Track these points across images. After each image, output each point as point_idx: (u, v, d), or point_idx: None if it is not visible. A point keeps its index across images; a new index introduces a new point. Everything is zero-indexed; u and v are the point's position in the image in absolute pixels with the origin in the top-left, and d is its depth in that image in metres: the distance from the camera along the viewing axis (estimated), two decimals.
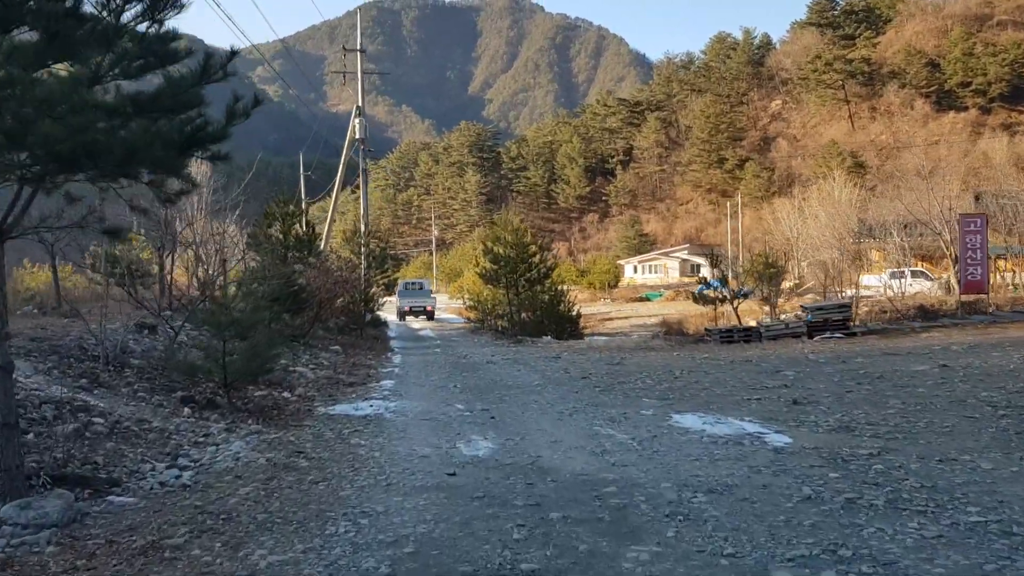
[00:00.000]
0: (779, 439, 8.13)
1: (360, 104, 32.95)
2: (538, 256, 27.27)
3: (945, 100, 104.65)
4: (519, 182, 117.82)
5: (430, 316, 39.53)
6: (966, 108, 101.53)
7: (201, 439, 8.61)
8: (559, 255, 27.49)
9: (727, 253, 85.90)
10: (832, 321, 20.88)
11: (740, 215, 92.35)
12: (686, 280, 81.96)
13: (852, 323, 22.38)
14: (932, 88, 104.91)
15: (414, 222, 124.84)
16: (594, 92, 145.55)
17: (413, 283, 42.71)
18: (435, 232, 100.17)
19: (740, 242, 67.45)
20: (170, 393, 10.63)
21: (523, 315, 27.69)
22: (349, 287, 24.98)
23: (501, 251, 26.91)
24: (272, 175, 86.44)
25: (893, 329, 21.43)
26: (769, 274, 33.69)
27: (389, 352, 20.87)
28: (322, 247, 29.92)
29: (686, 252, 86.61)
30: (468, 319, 32.53)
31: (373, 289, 27.24)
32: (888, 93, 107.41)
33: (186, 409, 9.87)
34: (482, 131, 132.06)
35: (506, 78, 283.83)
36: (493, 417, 10.12)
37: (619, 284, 63.18)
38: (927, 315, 24.94)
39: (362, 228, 29.44)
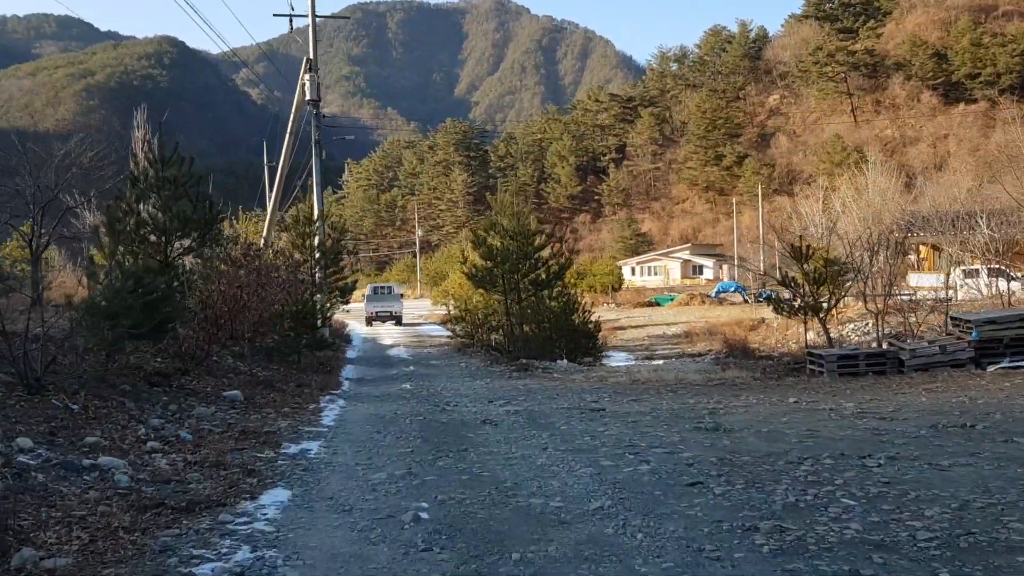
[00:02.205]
0: None
1: (312, 56, 25.38)
2: (546, 250, 19.76)
3: (953, 92, 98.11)
4: (507, 182, 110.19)
5: (398, 321, 37.60)
6: (975, 100, 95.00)
7: None
8: (571, 247, 19.88)
9: (734, 254, 78.92)
10: (1014, 340, 13.41)
11: (751, 212, 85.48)
12: (688, 282, 74.88)
13: None
14: (939, 80, 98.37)
15: (398, 224, 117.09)
16: (581, 95, 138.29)
17: (382, 287, 41.39)
18: (419, 232, 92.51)
19: (762, 240, 60.05)
20: None
21: (525, 328, 20.22)
22: (285, 293, 17.45)
23: (497, 243, 19.41)
24: (254, 176, 79.81)
25: None
26: (830, 274, 26.32)
27: (330, 395, 13.32)
28: (264, 241, 22.36)
29: (688, 252, 79.42)
30: (454, 332, 25.07)
31: (318, 296, 19.59)
32: (893, 85, 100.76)
33: None
34: (468, 129, 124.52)
35: (492, 81, 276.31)
36: None
37: (622, 287, 55.75)
38: None
39: (315, 213, 21.88)
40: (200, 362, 13.11)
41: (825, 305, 17.06)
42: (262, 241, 23.71)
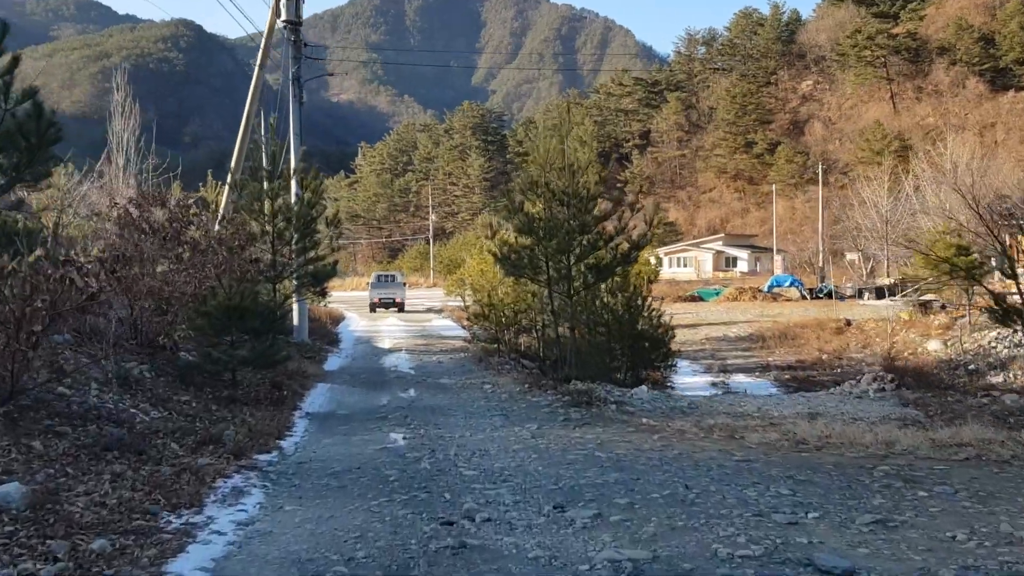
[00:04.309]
0: None
1: None
2: (611, 221, 13.28)
3: (1000, 78, 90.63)
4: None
5: (400, 308, 37.20)
6: None
7: None
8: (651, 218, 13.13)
9: (772, 245, 72.06)
10: None
11: (784, 201, 78.47)
12: (722, 275, 68.15)
13: None
14: (986, 65, 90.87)
15: (412, 210, 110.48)
16: (603, 79, 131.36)
17: (385, 275, 41.39)
18: (433, 218, 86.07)
19: (821, 229, 53.15)
20: None
21: (575, 332, 13.80)
22: (217, 277, 11.18)
23: (540, 210, 13.00)
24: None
25: None
26: (964, 265, 19.75)
27: (248, 469, 6.96)
28: (220, 215, 15.96)
29: (720, 243, 72.67)
30: (472, 335, 18.82)
31: (286, 283, 13.21)
32: (937, 71, 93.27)
33: None
34: (486, 112, 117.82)
35: (510, 69, 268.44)
36: None
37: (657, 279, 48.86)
38: None
39: (292, 163, 15.53)
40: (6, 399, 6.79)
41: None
42: (226, 212, 17.28)
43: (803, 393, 14.47)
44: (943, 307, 23.93)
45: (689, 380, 18.67)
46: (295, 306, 18.83)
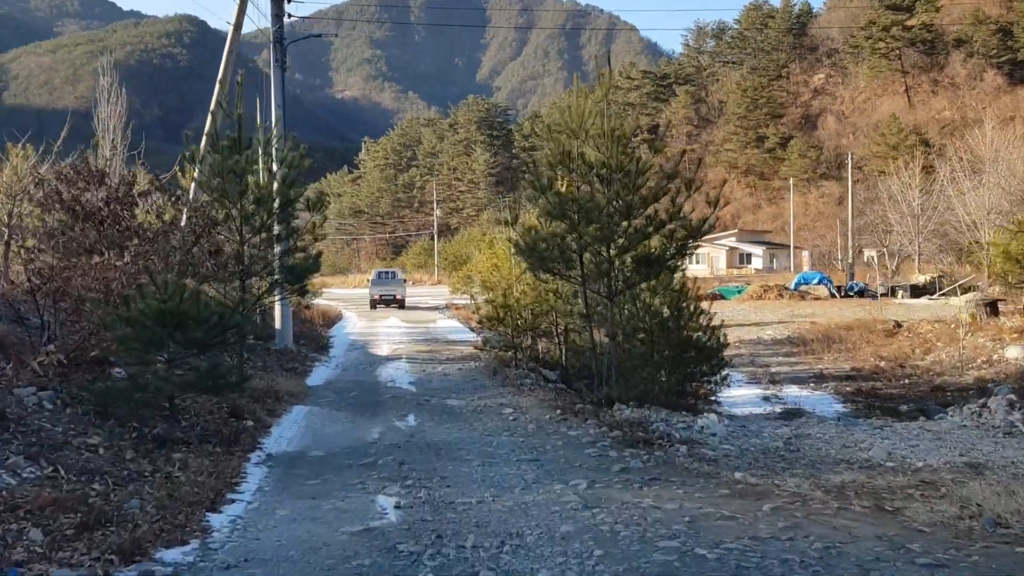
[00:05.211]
0: None
1: None
2: (663, 201, 10.42)
3: (1019, 71, 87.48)
4: (532, 162, 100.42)
5: (401, 305, 35.88)
6: None
7: None
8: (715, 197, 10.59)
9: (790, 241, 69.11)
10: None
11: (796, 196, 75.41)
12: (736, 272, 65.17)
13: None
14: (1004, 58, 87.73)
15: (416, 205, 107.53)
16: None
17: (385, 272, 40.93)
18: (437, 213, 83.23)
19: (851, 225, 50.08)
20: None
21: (616, 341, 10.95)
22: (142, 268, 8.37)
23: (574, 189, 10.14)
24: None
25: None
26: None
27: None
28: (191, 198, 13.13)
29: (734, 240, 69.72)
30: (484, 340, 16.03)
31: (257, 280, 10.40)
32: (953, 63, 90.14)
33: None
34: (491, 107, 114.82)
35: (515, 65, 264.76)
36: None
37: None
38: None
39: (273, 131, 12.75)
40: None
41: None
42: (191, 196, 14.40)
43: (901, 422, 11.57)
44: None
45: (736, 393, 15.85)
46: (277, 307, 16.02)
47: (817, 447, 8.03)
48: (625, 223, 9.74)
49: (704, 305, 13.12)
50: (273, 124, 14.36)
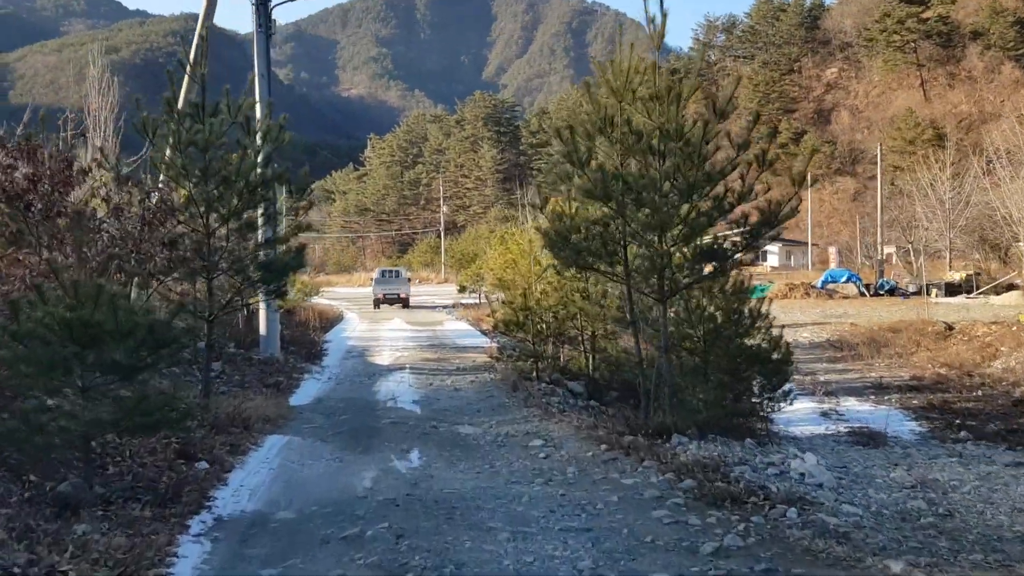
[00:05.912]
0: None
1: None
2: (735, 174, 8.25)
3: None
4: (540, 159, 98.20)
5: (405, 304, 35.05)
6: None
7: None
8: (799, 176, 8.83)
9: (808, 238, 66.77)
10: None
11: (810, 191, 73.02)
12: (751, 269, 62.89)
13: None
14: (1021, 51, 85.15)
15: (422, 203, 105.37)
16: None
17: (389, 271, 39.99)
18: (444, 210, 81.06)
19: (880, 221, 47.66)
20: None
21: (669, 353, 8.78)
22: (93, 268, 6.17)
23: (618, 163, 7.97)
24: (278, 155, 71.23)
25: None
26: None
27: None
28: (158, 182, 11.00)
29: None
30: (500, 347, 13.91)
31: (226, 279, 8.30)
32: (970, 56, 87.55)
33: None
34: (498, 103, 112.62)
35: (521, 63, 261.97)
36: None
37: None
38: None
39: (257, 108, 10.69)
40: None
41: None
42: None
43: (1012, 450, 9.39)
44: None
45: (789, 408, 13.66)
46: (261, 311, 13.90)
47: (971, 505, 5.89)
48: (687, 206, 7.56)
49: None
50: (258, 100, 12.25)
